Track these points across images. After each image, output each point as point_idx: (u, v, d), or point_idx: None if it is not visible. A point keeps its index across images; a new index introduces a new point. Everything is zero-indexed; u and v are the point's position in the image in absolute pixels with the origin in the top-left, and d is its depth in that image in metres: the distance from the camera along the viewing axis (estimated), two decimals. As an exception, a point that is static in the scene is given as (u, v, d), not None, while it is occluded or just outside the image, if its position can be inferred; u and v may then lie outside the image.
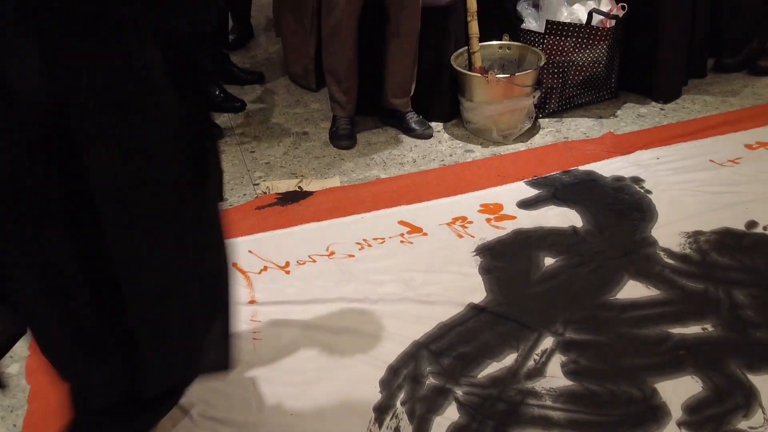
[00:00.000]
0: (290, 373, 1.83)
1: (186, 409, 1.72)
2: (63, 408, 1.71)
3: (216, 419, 1.70)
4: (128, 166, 1.18)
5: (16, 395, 1.80)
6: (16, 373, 1.87)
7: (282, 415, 1.71)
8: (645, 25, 3.08)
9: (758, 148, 2.77)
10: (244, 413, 1.72)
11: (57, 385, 1.78)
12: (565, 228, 2.34)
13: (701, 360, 1.81)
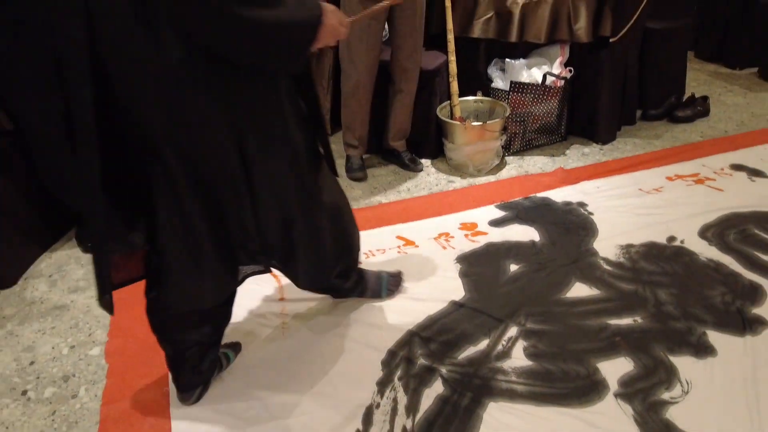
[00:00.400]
0: (310, 353, 1.84)
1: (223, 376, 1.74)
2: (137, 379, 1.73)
3: (252, 385, 1.71)
4: (281, 159, 1.42)
5: (97, 371, 1.81)
6: (98, 354, 1.88)
7: (303, 384, 1.72)
8: (587, 85, 3.09)
9: (676, 180, 2.78)
10: (275, 382, 1.73)
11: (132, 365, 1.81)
12: (526, 241, 2.35)
13: (632, 345, 1.81)
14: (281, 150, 1.43)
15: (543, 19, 2.84)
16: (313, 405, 1.66)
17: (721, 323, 1.89)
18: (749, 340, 1.82)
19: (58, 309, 2.09)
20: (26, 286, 2.22)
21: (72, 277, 2.25)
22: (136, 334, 1.93)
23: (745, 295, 2.01)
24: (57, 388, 1.76)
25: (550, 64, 2.98)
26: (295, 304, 2.05)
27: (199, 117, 1.28)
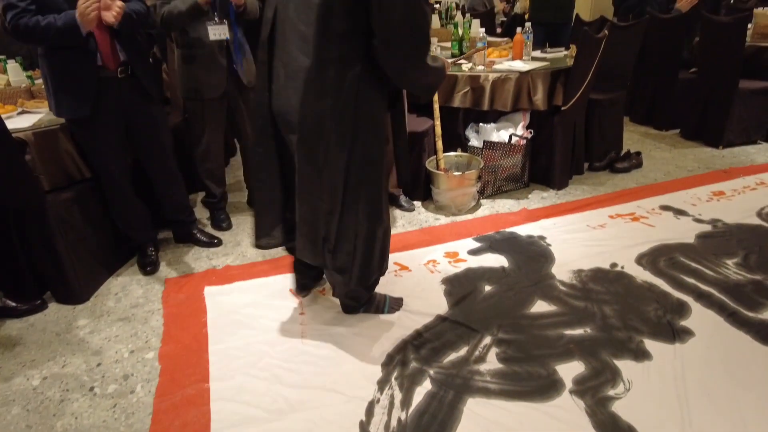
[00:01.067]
0: (324, 357, 1.81)
1: (254, 363, 1.71)
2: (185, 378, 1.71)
3: (276, 383, 1.69)
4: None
5: (151, 371, 1.79)
6: (152, 357, 1.86)
7: (318, 383, 1.70)
8: (545, 143, 3.10)
9: (617, 218, 2.77)
10: (295, 380, 1.71)
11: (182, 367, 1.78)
12: (497, 267, 2.33)
13: (584, 351, 1.79)
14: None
15: (508, 92, 2.88)
16: (325, 400, 1.63)
17: (655, 333, 1.87)
18: (678, 347, 1.80)
19: (121, 321, 2.08)
20: (96, 303, 2.21)
21: (133, 295, 2.25)
22: (183, 341, 1.92)
23: (674, 310, 1.99)
24: (118, 385, 1.74)
25: (515, 127, 3.00)
26: (312, 316, 2.03)
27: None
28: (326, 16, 1.32)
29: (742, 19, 3.52)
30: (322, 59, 1.37)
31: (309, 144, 1.48)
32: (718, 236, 2.54)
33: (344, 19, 1.33)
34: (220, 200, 2.80)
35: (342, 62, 1.40)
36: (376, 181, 1.61)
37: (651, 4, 4.14)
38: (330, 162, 1.50)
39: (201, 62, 2.42)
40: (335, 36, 1.35)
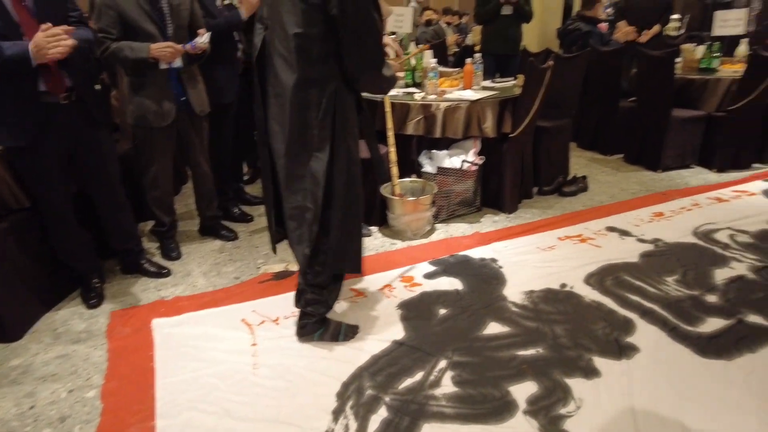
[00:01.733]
0: (274, 388, 1.76)
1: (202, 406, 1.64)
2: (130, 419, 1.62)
3: (227, 416, 1.62)
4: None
5: (91, 412, 1.68)
6: (93, 396, 1.76)
7: (271, 414, 1.65)
8: (495, 169, 3.18)
9: (565, 239, 2.85)
10: (247, 413, 1.64)
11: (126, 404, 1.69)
12: (451, 290, 2.35)
13: (536, 370, 1.81)
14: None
15: (459, 120, 2.96)
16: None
17: (603, 350, 1.91)
18: (625, 363, 1.85)
19: (60, 358, 1.96)
20: (32, 339, 2.07)
21: (74, 330, 2.13)
22: (129, 377, 1.83)
23: (620, 328, 2.05)
24: (53, 429, 1.62)
25: (467, 154, 3.06)
26: (265, 347, 1.98)
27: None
28: (304, 45, 1.61)
29: (671, 54, 3.79)
30: (304, 79, 1.65)
31: (295, 150, 1.71)
32: (659, 255, 2.66)
33: (320, 48, 1.63)
34: (170, 229, 2.72)
35: (321, 81, 1.67)
36: (355, 180, 1.81)
37: (593, 37, 4.39)
38: (313, 166, 1.72)
39: (151, 90, 2.38)
40: (314, 60, 1.64)
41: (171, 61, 2.33)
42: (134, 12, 2.26)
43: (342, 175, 1.75)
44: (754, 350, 1.91)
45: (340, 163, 1.74)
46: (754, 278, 2.42)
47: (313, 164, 1.72)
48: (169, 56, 2.29)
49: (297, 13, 1.58)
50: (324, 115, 1.68)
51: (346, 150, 1.75)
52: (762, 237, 2.85)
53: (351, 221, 1.84)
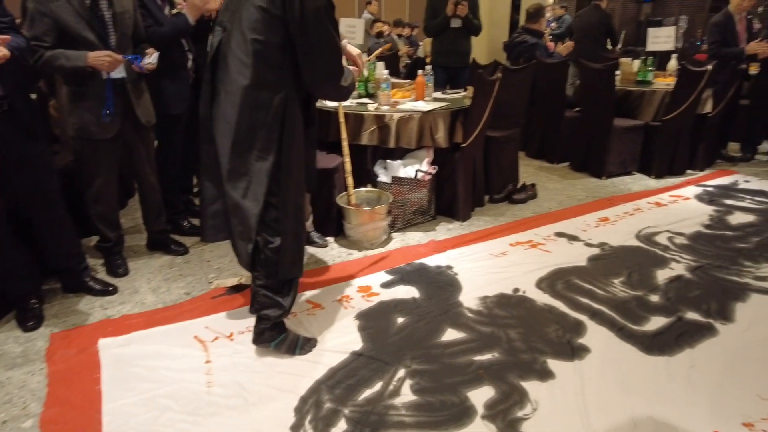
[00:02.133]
0: (230, 407, 1.71)
1: None
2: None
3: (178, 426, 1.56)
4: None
5: (31, 443, 1.58)
6: (30, 426, 1.64)
7: (226, 428, 1.60)
8: (448, 178, 3.24)
9: (516, 245, 2.93)
10: (206, 423, 1.59)
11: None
12: (409, 298, 2.36)
13: (492, 375, 1.84)
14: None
15: (412, 130, 3.00)
16: (234, 452, 1.53)
17: (556, 352, 1.97)
18: (577, 364, 1.91)
19: (-6, 386, 1.82)
20: (-36, 368, 1.93)
21: (8, 356, 1.98)
22: (72, 402, 1.73)
23: (572, 330, 2.12)
24: (-12, 463, 1.51)
25: (420, 163, 3.10)
26: (220, 364, 1.92)
27: None
28: (262, 51, 1.67)
29: (611, 66, 3.99)
30: (258, 82, 1.70)
31: (240, 148, 1.75)
32: (605, 258, 2.77)
33: (278, 56, 1.70)
34: (116, 245, 2.60)
35: (274, 86, 1.72)
36: (299, 186, 1.87)
37: (539, 49, 4.57)
38: (256, 165, 1.76)
39: (93, 101, 2.28)
40: (270, 66, 1.70)
41: (111, 71, 2.22)
42: (71, 19, 2.15)
43: (288, 178, 1.79)
44: (693, 345, 2.02)
45: (286, 166, 1.78)
46: (691, 277, 2.56)
47: (257, 164, 1.75)
48: (107, 66, 2.18)
49: (258, 21, 1.65)
50: (273, 118, 1.73)
51: (293, 155, 1.80)
52: (696, 238, 3.03)
53: (300, 226, 1.89)
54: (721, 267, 2.66)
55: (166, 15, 2.71)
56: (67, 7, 2.14)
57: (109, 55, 2.18)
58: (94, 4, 2.20)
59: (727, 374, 1.86)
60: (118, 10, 2.28)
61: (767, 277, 2.57)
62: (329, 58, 1.74)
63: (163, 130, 2.85)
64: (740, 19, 4.37)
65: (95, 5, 2.21)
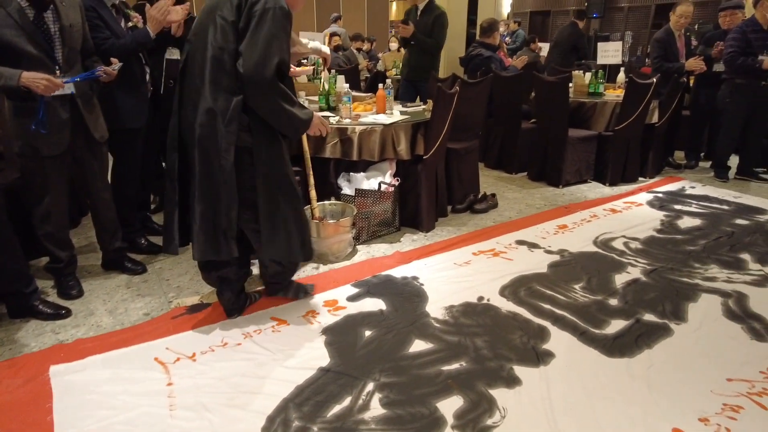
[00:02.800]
0: (196, 429, 1.64)
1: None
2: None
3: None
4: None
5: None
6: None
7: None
8: (411, 189, 3.27)
9: (479, 254, 2.97)
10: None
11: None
12: (375, 311, 2.35)
13: (461, 384, 1.85)
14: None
15: (375, 143, 3.01)
16: (199, 478, 1.47)
17: (522, 359, 2.00)
18: (543, 369, 1.94)
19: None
20: None
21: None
22: None
23: (536, 336, 2.16)
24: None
25: (383, 175, 3.12)
26: (182, 386, 1.85)
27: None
28: (219, 57, 1.84)
29: (564, 79, 4.15)
30: (215, 89, 1.85)
31: (204, 153, 1.90)
32: (565, 264, 2.85)
33: (232, 65, 1.83)
34: (68, 265, 2.48)
35: (230, 90, 1.85)
36: (283, 176, 1.99)
37: (494, 62, 4.69)
38: (223, 166, 1.89)
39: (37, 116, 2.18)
40: (225, 74, 1.84)
41: (46, 94, 2.07)
42: (9, 33, 2.04)
43: (264, 184, 1.96)
44: (651, 346, 2.09)
45: (264, 174, 1.95)
46: (647, 280, 2.67)
47: (222, 163, 1.89)
48: (42, 89, 2.03)
49: (218, 29, 1.83)
50: (229, 121, 1.86)
51: (270, 163, 1.95)
52: (650, 243, 3.15)
53: (275, 215, 2.02)
54: (674, 269, 2.78)
55: (123, 28, 2.64)
56: (6, 20, 2.03)
57: (47, 78, 2.04)
58: (38, 17, 2.11)
59: (683, 372, 1.94)
60: (65, 23, 2.19)
61: (715, 277, 2.70)
62: (256, 48, 1.77)
63: (120, 145, 2.77)
64: (679, 36, 4.64)
65: (39, 18, 2.12)
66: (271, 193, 1.99)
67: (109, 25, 2.53)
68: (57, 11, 2.17)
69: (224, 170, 1.90)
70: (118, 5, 2.64)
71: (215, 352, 2.05)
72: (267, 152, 1.95)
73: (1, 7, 2.02)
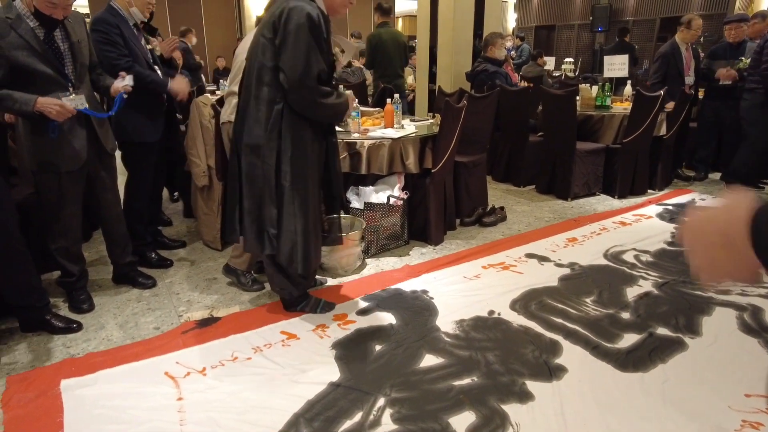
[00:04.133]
0: (208, 446, 1.64)
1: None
2: None
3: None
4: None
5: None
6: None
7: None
8: (420, 203, 3.27)
9: (489, 268, 2.96)
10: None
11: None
12: (385, 324, 2.34)
13: (473, 399, 1.82)
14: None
15: (383, 157, 3.02)
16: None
17: (534, 374, 1.97)
18: (555, 384, 1.91)
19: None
20: None
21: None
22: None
23: (548, 350, 2.13)
24: None
25: (392, 189, 3.12)
26: (192, 400, 1.84)
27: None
28: (260, 71, 2.04)
29: (572, 92, 4.15)
30: (257, 99, 2.06)
31: (250, 157, 2.11)
32: (576, 278, 2.82)
33: (270, 75, 2.02)
34: (79, 279, 2.50)
35: (270, 102, 2.05)
36: (304, 188, 2.13)
37: (499, 77, 4.71)
38: (265, 170, 2.09)
39: None
40: (265, 84, 2.04)
41: (58, 119, 2.12)
42: (22, 54, 2.08)
43: (287, 182, 2.09)
44: (665, 360, 2.06)
45: (287, 172, 2.08)
46: (659, 294, 2.64)
47: (264, 168, 2.09)
48: (55, 115, 2.08)
49: (261, 47, 2.03)
50: (272, 128, 2.05)
51: (293, 163, 2.09)
52: (661, 255, 3.13)
53: (294, 222, 2.14)
54: (686, 282, 2.75)
55: (144, 48, 2.73)
56: (19, 42, 2.07)
57: (61, 105, 2.09)
58: (48, 36, 2.16)
59: (699, 387, 1.90)
60: (73, 40, 2.24)
61: (728, 291, 2.66)
62: (297, 63, 1.96)
63: (135, 158, 2.82)
64: (686, 48, 4.64)
65: (50, 38, 2.16)
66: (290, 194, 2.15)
67: (128, 44, 2.60)
68: (65, 29, 2.22)
69: (269, 175, 2.09)
70: (140, 25, 2.74)
71: (225, 366, 2.04)
72: (293, 155, 2.11)
73: (12, 29, 2.07)
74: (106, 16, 2.59)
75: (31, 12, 2.10)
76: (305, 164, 2.13)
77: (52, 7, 2.08)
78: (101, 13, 2.61)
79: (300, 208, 2.13)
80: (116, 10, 2.62)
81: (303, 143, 2.11)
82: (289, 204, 2.12)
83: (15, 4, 2.10)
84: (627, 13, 11.78)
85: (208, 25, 11.09)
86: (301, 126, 2.09)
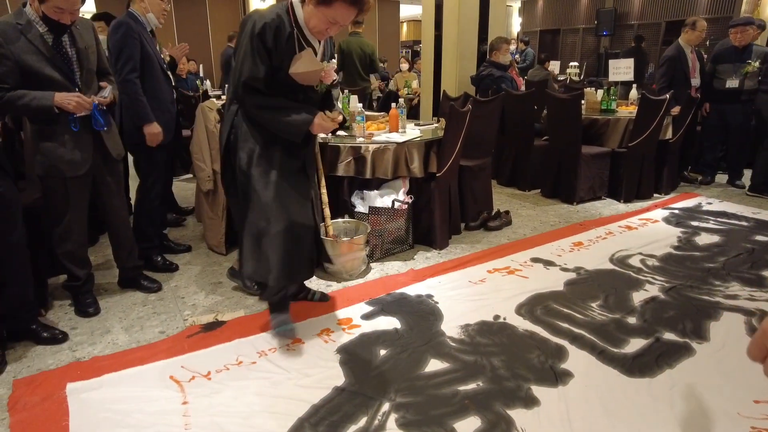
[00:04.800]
0: (213, 451, 1.64)
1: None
2: None
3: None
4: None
5: None
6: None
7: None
8: (424, 207, 3.27)
9: (494, 272, 2.95)
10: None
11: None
12: (390, 329, 2.33)
13: (478, 404, 1.81)
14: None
15: (388, 161, 3.03)
16: (214, 499, 1.45)
17: (540, 379, 1.96)
18: (561, 390, 1.90)
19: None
20: None
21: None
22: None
23: (554, 355, 2.12)
24: None
25: (397, 193, 3.12)
26: (197, 405, 1.84)
27: None
28: (230, 74, 2.07)
29: (577, 96, 4.14)
30: (228, 98, 2.12)
31: (225, 157, 2.15)
32: (581, 282, 2.81)
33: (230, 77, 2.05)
34: (85, 283, 2.50)
35: (230, 101, 2.10)
36: (262, 192, 2.04)
37: (504, 82, 4.71)
38: (236, 173, 2.10)
39: (61, 138, 2.23)
40: (231, 84, 2.07)
41: (78, 112, 2.19)
42: (32, 59, 2.11)
43: (254, 183, 2.05)
44: (672, 366, 2.04)
45: (250, 178, 2.05)
46: (665, 298, 2.62)
47: (234, 166, 2.12)
48: (74, 106, 2.16)
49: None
50: (231, 125, 2.10)
51: (241, 165, 2.07)
52: (667, 260, 3.10)
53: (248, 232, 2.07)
54: (693, 287, 2.73)
55: (158, 51, 2.85)
56: (29, 47, 2.10)
57: (79, 96, 2.17)
58: (56, 41, 2.18)
59: (707, 393, 1.88)
60: (80, 46, 2.26)
61: (736, 295, 2.64)
62: (236, 67, 1.99)
63: (148, 160, 2.86)
64: (691, 51, 4.62)
65: (58, 43, 2.19)
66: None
67: (145, 48, 2.72)
68: (72, 35, 2.24)
69: (239, 179, 2.11)
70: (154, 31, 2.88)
71: (230, 370, 2.04)
72: (262, 157, 2.09)
73: (23, 35, 2.09)
74: (128, 20, 2.70)
75: (40, 17, 2.12)
76: (251, 169, 2.08)
77: (59, 12, 2.10)
78: (124, 17, 2.72)
79: (246, 209, 2.09)
80: (135, 16, 2.74)
81: (269, 144, 2.08)
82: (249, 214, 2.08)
83: (25, 10, 2.13)
84: (632, 16, 11.77)
85: (213, 29, 11.16)
86: (256, 126, 2.09)
